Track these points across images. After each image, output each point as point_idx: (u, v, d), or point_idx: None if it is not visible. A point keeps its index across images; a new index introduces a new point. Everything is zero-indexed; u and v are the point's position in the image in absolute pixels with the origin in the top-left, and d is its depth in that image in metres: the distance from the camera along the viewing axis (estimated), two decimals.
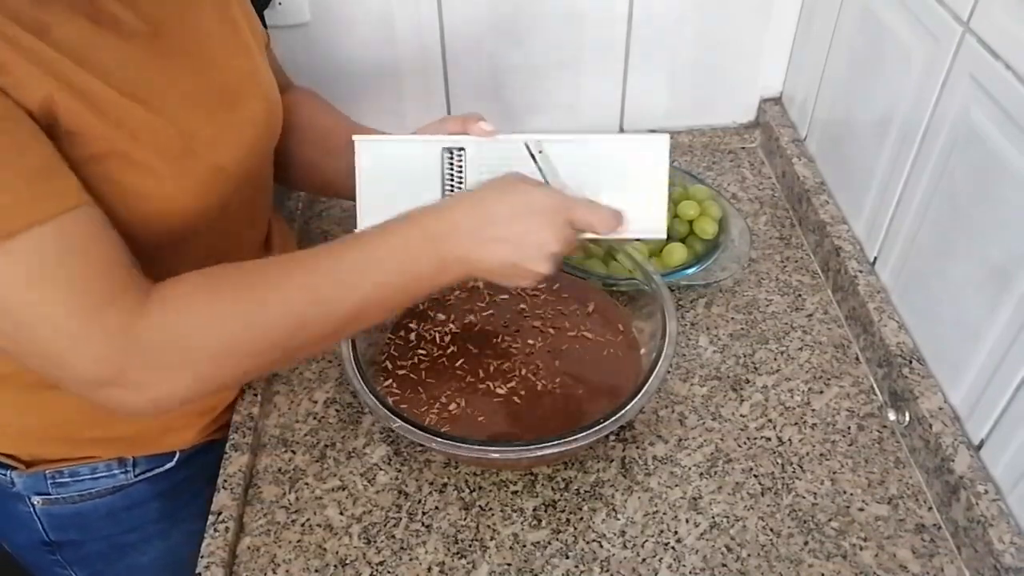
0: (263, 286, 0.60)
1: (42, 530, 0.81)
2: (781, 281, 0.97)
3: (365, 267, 0.62)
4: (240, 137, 0.70)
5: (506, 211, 0.64)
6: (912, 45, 0.81)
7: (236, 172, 0.69)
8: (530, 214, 0.64)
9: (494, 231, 0.63)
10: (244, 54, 0.72)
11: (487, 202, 0.64)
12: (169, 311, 0.58)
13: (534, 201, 0.64)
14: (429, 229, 0.63)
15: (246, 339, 0.60)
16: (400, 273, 0.63)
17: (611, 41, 1.08)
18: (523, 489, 0.76)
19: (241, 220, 0.76)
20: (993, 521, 0.67)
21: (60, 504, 0.79)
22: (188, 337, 0.58)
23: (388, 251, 0.63)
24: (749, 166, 1.14)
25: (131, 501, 0.81)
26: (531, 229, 0.63)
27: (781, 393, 0.84)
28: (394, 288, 0.63)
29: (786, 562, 0.71)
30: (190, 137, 0.65)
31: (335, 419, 0.83)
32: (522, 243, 0.63)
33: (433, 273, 0.64)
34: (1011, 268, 0.67)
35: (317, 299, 0.61)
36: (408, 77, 1.08)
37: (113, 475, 0.79)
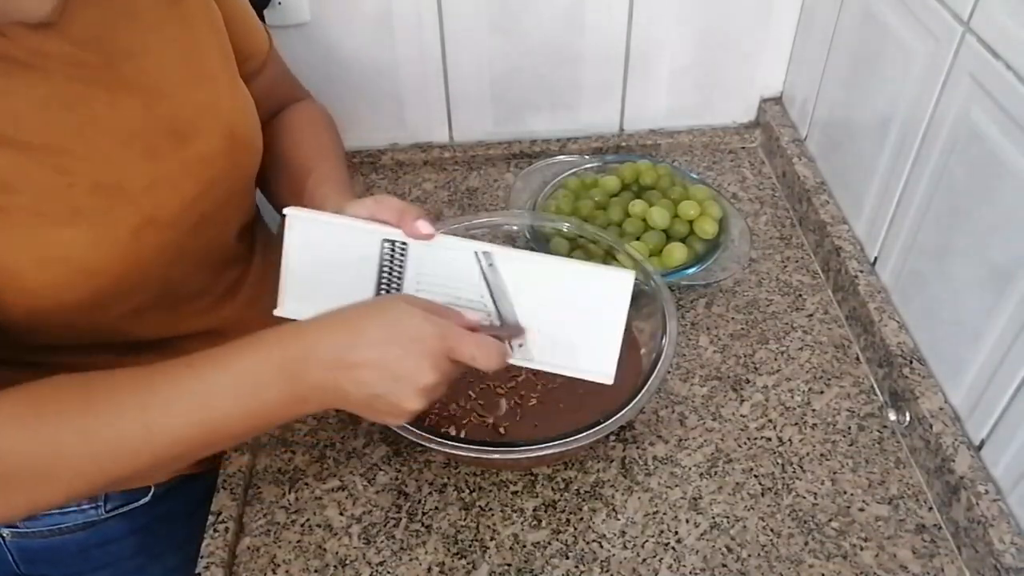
0: (88, 409, 0.55)
1: (12, 562, 0.78)
2: (781, 281, 0.97)
3: (204, 396, 0.55)
4: (190, 177, 0.65)
5: (375, 334, 0.55)
6: (912, 45, 0.81)
7: (178, 218, 0.65)
8: (403, 340, 0.55)
9: (356, 355, 0.55)
10: (206, 85, 0.68)
11: (354, 323, 0.56)
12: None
13: (406, 325, 0.56)
14: (282, 354, 0.55)
15: (61, 466, 0.54)
16: (244, 404, 0.55)
17: (611, 41, 1.08)
18: (523, 489, 0.76)
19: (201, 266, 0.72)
20: (993, 521, 0.67)
21: (30, 538, 0.76)
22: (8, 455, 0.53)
23: (231, 379, 0.55)
24: (749, 166, 1.14)
25: (104, 537, 0.78)
26: (401, 357, 0.55)
27: (781, 393, 0.84)
28: (238, 419, 0.56)
29: (786, 562, 0.71)
30: (115, 187, 0.60)
31: (335, 419, 0.83)
32: (389, 370, 0.55)
33: (286, 403, 0.56)
34: (1011, 268, 0.67)
35: (147, 427, 0.54)
36: (408, 77, 1.08)
37: (83, 510, 0.76)
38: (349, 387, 0.56)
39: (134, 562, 0.81)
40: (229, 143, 0.69)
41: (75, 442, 0.54)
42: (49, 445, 0.54)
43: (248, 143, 0.72)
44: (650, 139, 1.16)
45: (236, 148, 0.70)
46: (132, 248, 0.62)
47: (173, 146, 0.64)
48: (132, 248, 0.62)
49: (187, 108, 0.66)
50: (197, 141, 0.66)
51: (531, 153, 1.15)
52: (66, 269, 0.59)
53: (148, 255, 0.64)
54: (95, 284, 0.61)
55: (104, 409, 0.55)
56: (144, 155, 0.63)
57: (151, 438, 0.55)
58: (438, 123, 1.14)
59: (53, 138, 0.58)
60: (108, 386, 0.56)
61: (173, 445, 0.56)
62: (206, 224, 0.69)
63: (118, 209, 0.61)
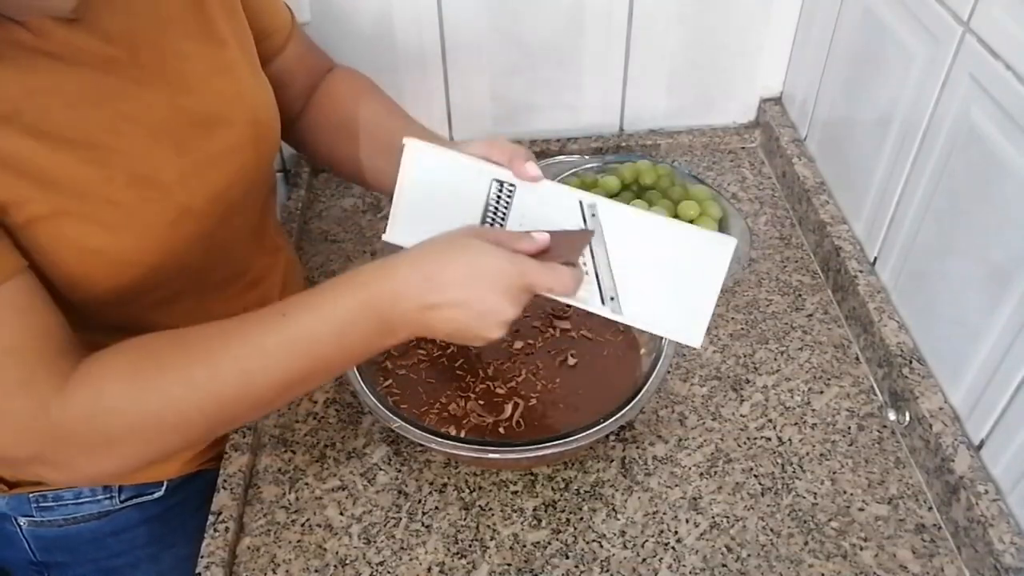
0: (188, 361, 0.57)
1: (29, 550, 0.79)
2: (781, 281, 0.97)
3: (297, 340, 0.58)
4: (217, 168, 0.67)
5: (456, 275, 0.58)
6: (912, 45, 0.81)
7: (211, 209, 0.66)
8: (483, 278, 0.57)
9: (442, 296, 0.57)
10: (228, 75, 0.68)
11: (435, 264, 0.58)
12: (89, 391, 0.56)
13: (487, 265, 0.58)
14: (370, 296, 0.58)
15: (171, 417, 0.57)
16: (337, 343, 0.58)
17: (611, 41, 1.08)
18: (523, 489, 0.76)
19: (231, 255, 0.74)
20: (993, 521, 0.67)
21: (45, 527, 0.78)
22: (109, 413, 0.56)
23: (322, 322, 0.58)
24: (749, 166, 1.14)
25: (118, 526, 0.79)
26: (483, 296, 0.57)
27: (781, 393, 0.84)
28: (331, 358, 0.59)
29: (786, 562, 0.71)
30: (150, 180, 0.62)
31: (335, 419, 0.83)
32: (473, 310, 0.58)
33: (374, 339, 0.59)
34: (1011, 268, 0.67)
35: (246, 374, 0.57)
36: (408, 77, 1.08)
37: (98, 500, 0.77)
38: (436, 324, 0.59)
39: (147, 551, 0.82)
40: (253, 131, 0.70)
41: (181, 394, 0.57)
42: (155, 396, 0.56)
43: (270, 129, 0.73)
44: (650, 139, 1.16)
45: (260, 136, 0.71)
46: (168, 239, 0.63)
47: (200, 138, 0.65)
48: (168, 239, 0.63)
49: (212, 99, 0.67)
50: (223, 131, 0.67)
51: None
52: (103, 261, 0.61)
53: (182, 245, 0.65)
54: (131, 275, 0.63)
55: (204, 359, 0.57)
56: (174, 148, 0.64)
57: (252, 384, 0.58)
58: (438, 123, 1.14)
59: (86, 133, 0.58)
60: (203, 337, 0.58)
61: (274, 388, 0.59)
62: (234, 212, 0.70)
63: (154, 201, 0.62)
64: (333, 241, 1.04)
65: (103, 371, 0.57)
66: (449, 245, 0.59)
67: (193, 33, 0.66)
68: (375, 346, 0.60)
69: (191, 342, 0.58)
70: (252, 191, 0.73)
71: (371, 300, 0.58)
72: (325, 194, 1.12)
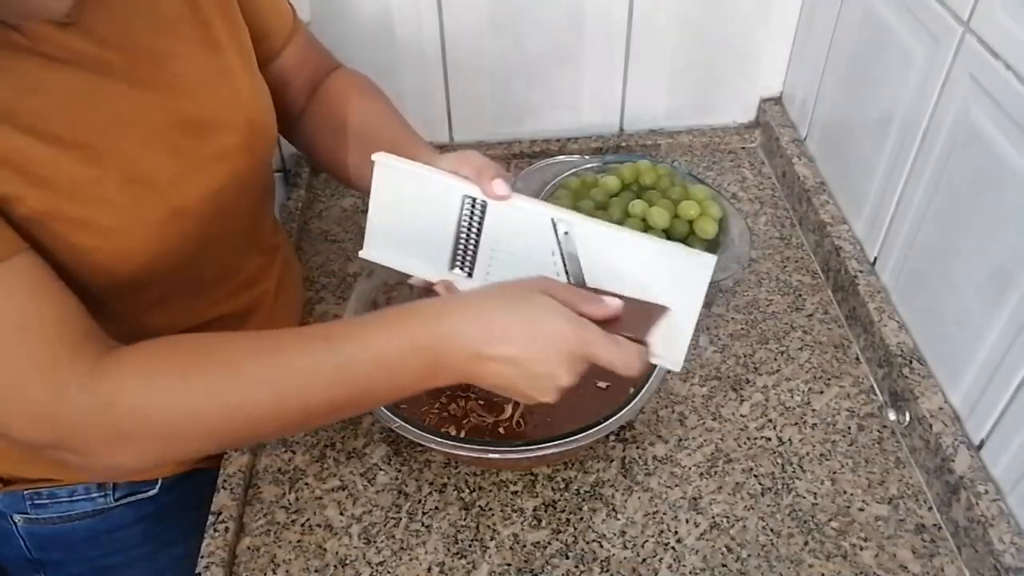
0: (217, 372, 0.56)
1: (25, 548, 0.79)
2: (781, 281, 0.97)
3: (341, 371, 0.56)
4: (210, 171, 0.66)
5: (515, 331, 0.55)
6: (912, 45, 0.81)
7: (204, 210, 0.66)
8: (541, 339, 0.55)
9: (496, 350, 0.55)
10: (224, 79, 0.68)
11: (495, 314, 0.55)
12: (111, 380, 0.55)
13: (549, 326, 0.55)
14: (423, 338, 0.56)
15: (199, 425, 0.56)
16: (381, 379, 0.57)
17: (611, 41, 1.08)
18: (523, 489, 0.76)
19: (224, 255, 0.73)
20: (993, 521, 0.67)
21: (41, 524, 0.77)
22: (127, 410, 0.55)
23: (370, 356, 0.56)
24: (749, 166, 1.14)
25: (113, 524, 0.79)
26: (539, 358, 0.55)
27: (781, 393, 0.84)
28: (372, 392, 0.58)
29: (786, 562, 0.71)
30: (143, 181, 0.61)
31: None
32: (527, 369, 0.55)
33: (420, 380, 0.58)
34: (1011, 268, 0.67)
35: (279, 395, 0.56)
36: (408, 77, 1.08)
37: (92, 498, 0.77)
38: (485, 376, 0.57)
39: (142, 550, 0.82)
40: (248, 135, 0.70)
41: (205, 402, 0.55)
42: (180, 401, 0.55)
43: (266, 132, 0.73)
44: (650, 139, 1.16)
45: (255, 139, 0.71)
46: (160, 238, 0.63)
47: (195, 140, 0.65)
48: (160, 238, 0.63)
49: (207, 103, 0.66)
50: (218, 135, 0.67)
51: (531, 153, 1.15)
52: (95, 259, 0.60)
53: (174, 245, 0.65)
54: (123, 273, 0.62)
55: (236, 372, 0.56)
56: (167, 150, 0.63)
57: (284, 406, 0.56)
58: (438, 123, 1.14)
59: (80, 134, 0.58)
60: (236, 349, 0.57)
61: (308, 412, 0.57)
62: (227, 214, 0.70)
63: (146, 201, 0.62)
64: (333, 241, 1.04)
65: (128, 369, 0.56)
66: (514, 296, 0.57)
67: (189, 37, 0.66)
68: (419, 386, 0.58)
69: (222, 353, 0.57)
70: (246, 193, 0.73)
71: (423, 341, 0.56)
72: (325, 194, 1.12)
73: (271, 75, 0.77)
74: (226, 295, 0.76)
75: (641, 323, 0.59)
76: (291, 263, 0.89)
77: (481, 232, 0.64)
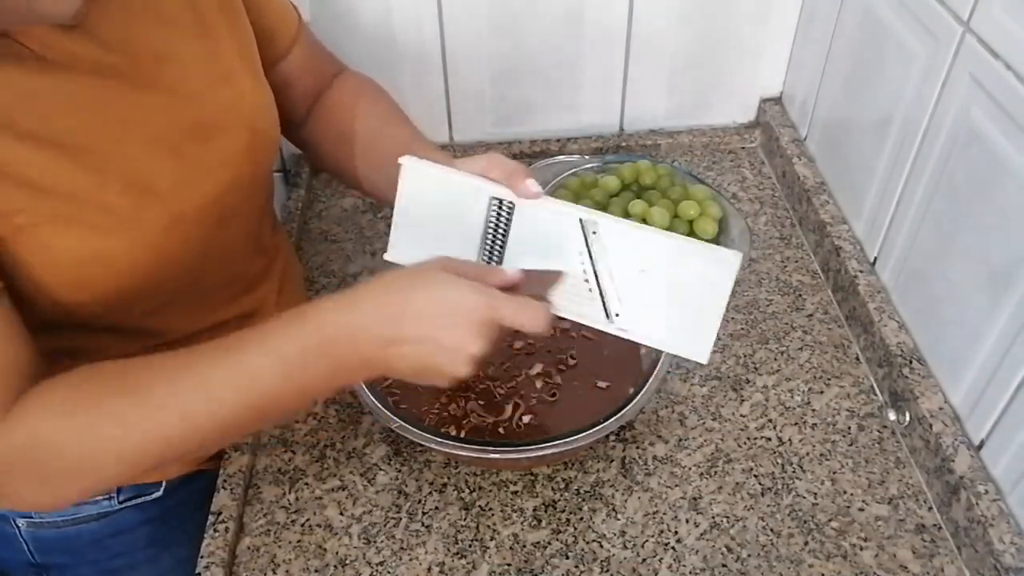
0: (125, 398, 0.56)
1: (28, 552, 0.79)
2: (781, 281, 0.97)
3: (249, 379, 0.55)
4: (212, 176, 0.66)
5: (420, 309, 0.55)
6: (912, 45, 0.81)
7: (205, 216, 0.66)
8: (450, 312, 0.55)
9: (403, 331, 0.55)
10: (226, 82, 0.68)
11: (397, 298, 0.56)
12: (28, 420, 0.55)
13: (454, 298, 0.55)
14: (326, 334, 0.55)
15: (108, 456, 0.56)
16: (291, 383, 0.56)
17: (611, 41, 1.08)
18: (523, 489, 0.76)
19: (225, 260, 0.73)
20: (993, 521, 0.67)
21: (44, 528, 0.77)
22: (45, 448, 0.55)
23: (277, 361, 0.55)
24: (749, 166, 1.14)
25: (117, 528, 0.79)
26: (448, 330, 0.55)
27: (781, 393, 0.84)
28: (281, 398, 0.57)
29: (786, 562, 0.71)
30: (145, 186, 0.61)
31: (335, 419, 0.83)
32: (437, 346, 0.55)
33: (329, 380, 0.57)
34: (1011, 268, 0.67)
35: (189, 415, 0.55)
36: (408, 77, 1.08)
37: (97, 501, 0.77)
38: (396, 362, 0.56)
39: (146, 552, 0.82)
40: (250, 139, 0.69)
41: (115, 432, 0.55)
42: (91, 434, 0.55)
43: (268, 138, 0.73)
44: (650, 139, 1.16)
45: (257, 144, 0.70)
46: (162, 245, 0.63)
47: (197, 145, 0.65)
48: (162, 245, 0.63)
49: (210, 107, 0.66)
50: (220, 139, 0.67)
51: (531, 153, 1.15)
52: (97, 266, 0.60)
53: (177, 252, 0.65)
54: (125, 280, 0.62)
55: (144, 398, 0.55)
56: (170, 155, 0.63)
57: (196, 424, 0.56)
58: (438, 123, 1.14)
59: (82, 138, 0.58)
60: (147, 373, 0.56)
61: (222, 427, 0.57)
62: (229, 218, 0.70)
63: (148, 208, 0.62)
64: (333, 241, 1.04)
65: (41, 407, 0.55)
66: (414, 277, 0.57)
67: (192, 40, 0.66)
68: (331, 386, 0.58)
69: (132, 379, 0.56)
70: (248, 198, 0.73)
71: (327, 340, 0.55)
72: (325, 194, 1.12)
73: (276, 78, 0.77)
74: (228, 299, 0.76)
75: (541, 286, 0.62)
76: (292, 264, 0.89)
77: (508, 233, 0.64)
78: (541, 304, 0.59)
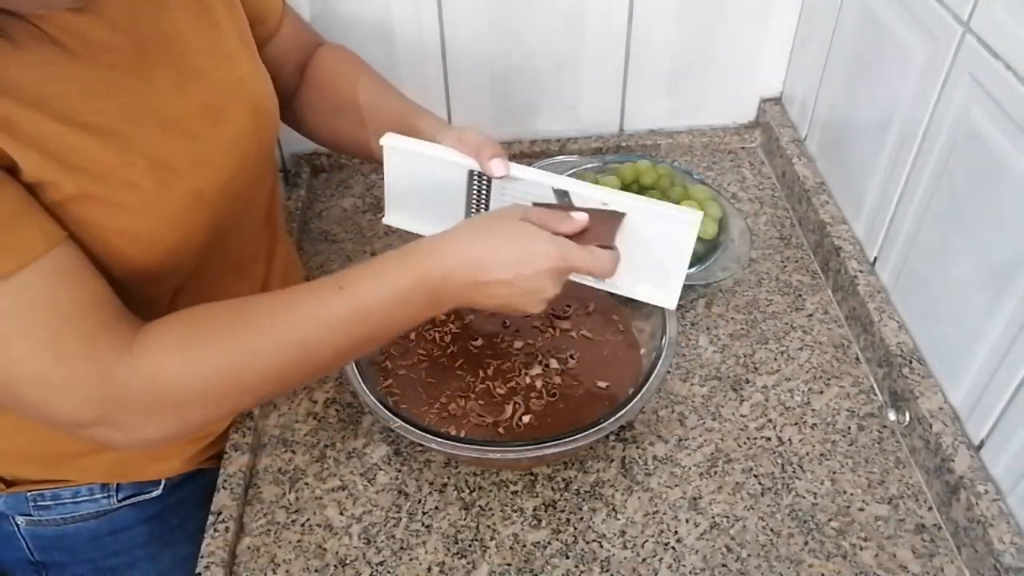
0: (246, 330, 0.60)
1: (27, 550, 0.79)
2: (781, 281, 0.97)
3: (355, 312, 0.61)
4: (225, 156, 0.68)
5: (504, 257, 0.62)
6: (912, 45, 0.81)
7: (220, 194, 0.68)
8: (530, 261, 0.62)
9: (492, 276, 0.62)
10: (228, 62, 0.70)
11: (484, 245, 0.63)
12: (150, 356, 0.58)
13: (535, 249, 0.63)
14: (423, 275, 0.62)
15: (229, 382, 0.60)
16: (392, 314, 0.62)
17: (611, 41, 1.08)
18: (523, 489, 0.76)
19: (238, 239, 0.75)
20: (993, 521, 0.67)
21: (43, 526, 0.78)
22: (170, 382, 0.58)
23: (377, 298, 0.62)
24: (749, 166, 1.14)
25: (116, 526, 0.79)
26: (529, 276, 0.62)
27: (781, 393, 0.84)
28: (385, 326, 0.63)
29: (786, 562, 0.71)
30: (166, 166, 0.63)
31: (335, 419, 0.83)
32: (519, 288, 0.63)
33: (424, 310, 0.64)
34: (1011, 268, 0.67)
35: (303, 344, 0.61)
36: (408, 77, 1.08)
37: (96, 500, 0.77)
38: (482, 299, 0.64)
39: (146, 551, 0.82)
40: (254, 119, 0.71)
41: (241, 362, 0.59)
42: (215, 367, 0.59)
43: (269, 116, 0.75)
44: (650, 139, 1.16)
45: (260, 123, 0.72)
46: (185, 223, 0.65)
47: (208, 127, 0.67)
48: (185, 223, 0.65)
49: (215, 88, 0.68)
50: (228, 120, 0.68)
51: (531, 153, 1.15)
52: (126, 242, 0.62)
53: (198, 230, 0.67)
54: (152, 256, 0.64)
55: (262, 330, 0.60)
56: (184, 135, 0.65)
57: (311, 351, 0.61)
58: None
59: (104, 120, 0.59)
60: (261, 308, 0.61)
61: (332, 354, 0.63)
62: (239, 199, 0.72)
63: (171, 186, 0.63)
64: (333, 241, 1.04)
65: (163, 337, 0.59)
66: (498, 225, 0.64)
67: (193, 21, 0.67)
68: (425, 315, 0.64)
69: (246, 314, 0.61)
70: (257, 178, 0.75)
71: (424, 277, 0.62)
72: (325, 194, 1.12)
73: (267, 58, 0.78)
74: (239, 281, 0.78)
75: (607, 231, 0.67)
76: (294, 265, 0.89)
77: (489, 201, 0.72)
78: (608, 252, 0.66)
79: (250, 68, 0.72)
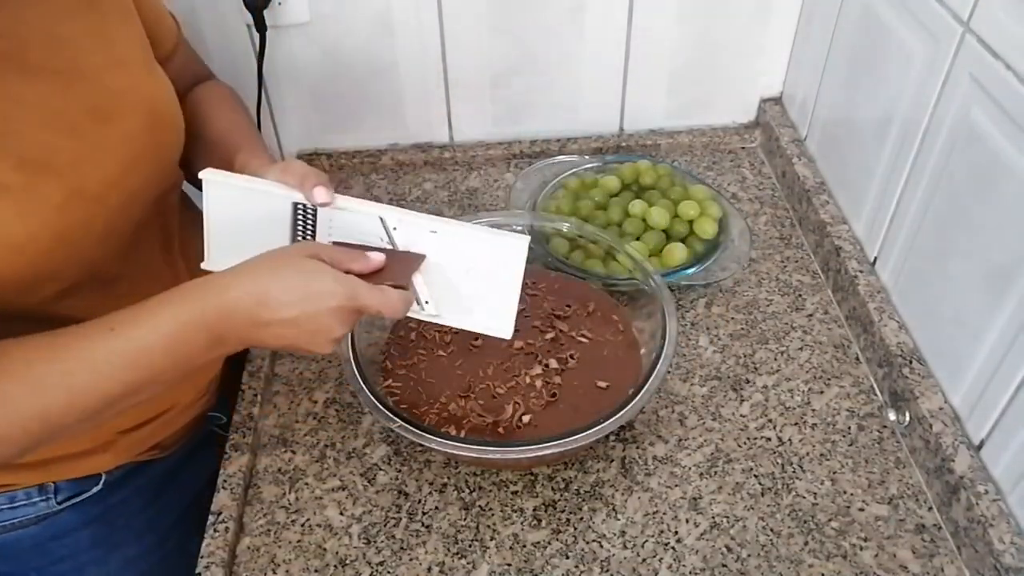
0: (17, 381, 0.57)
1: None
2: (781, 281, 0.97)
3: (125, 354, 0.58)
4: (111, 155, 0.66)
5: (287, 296, 0.60)
6: (912, 45, 0.81)
7: (108, 194, 0.66)
8: (315, 300, 0.60)
9: (274, 315, 0.60)
10: (121, 68, 0.68)
11: (267, 282, 0.60)
12: None
13: (320, 287, 0.60)
14: (201, 313, 0.59)
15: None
16: (168, 357, 0.59)
17: (611, 41, 1.08)
18: (523, 489, 0.76)
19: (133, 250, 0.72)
20: (993, 521, 0.67)
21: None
22: None
23: (153, 337, 0.58)
24: (749, 166, 1.14)
25: (58, 530, 0.77)
26: (314, 316, 0.60)
27: (781, 393, 0.84)
28: (161, 370, 0.60)
29: (786, 562, 0.71)
30: (41, 163, 0.61)
31: (335, 419, 0.83)
32: (305, 329, 0.61)
33: (204, 352, 0.61)
34: (1011, 268, 0.67)
35: (72, 389, 0.57)
36: (408, 77, 1.08)
37: (34, 503, 0.75)
38: (268, 339, 0.62)
39: (91, 554, 0.80)
40: (150, 121, 0.70)
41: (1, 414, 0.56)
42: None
43: (170, 122, 0.73)
44: (650, 139, 1.16)
45: (157, 126, 0.71)
46: (58, 222, 0.63)
47: (95, 124, 0.65)
48: (58, 222, 0.63)
49: (105, 91, 0.67)
50: (118, 120, 0.67)
51: (531, 153, 1.15)
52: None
53: (75, 231, 0.64)
54: (21, 261, 0.62)
55: (22, 377, 0.56)
56: (67, 133, 0.63)
57: (75, 401, 0.58)
58: (438, 123, 1.14)
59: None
60: (27, 352, 0.58)
61: (103, 401, 0.59)
62: (134, 202, 0.70)
63: (43, 184, 0.62)
64: None
65: None
66: (284, 262, 0.61)
67: (83, 30, 0.66)
68: (205, 357, 0.61)
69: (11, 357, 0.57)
70: (154, 182, 0.72)
71: (202, 316, 0.59)
72: None
73: None
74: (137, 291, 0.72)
75: (402, 271, 0.66)
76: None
77: (316, 234, 0.69)
78: (398, 292, 0.64)
79: (145, 76, 0.71)
